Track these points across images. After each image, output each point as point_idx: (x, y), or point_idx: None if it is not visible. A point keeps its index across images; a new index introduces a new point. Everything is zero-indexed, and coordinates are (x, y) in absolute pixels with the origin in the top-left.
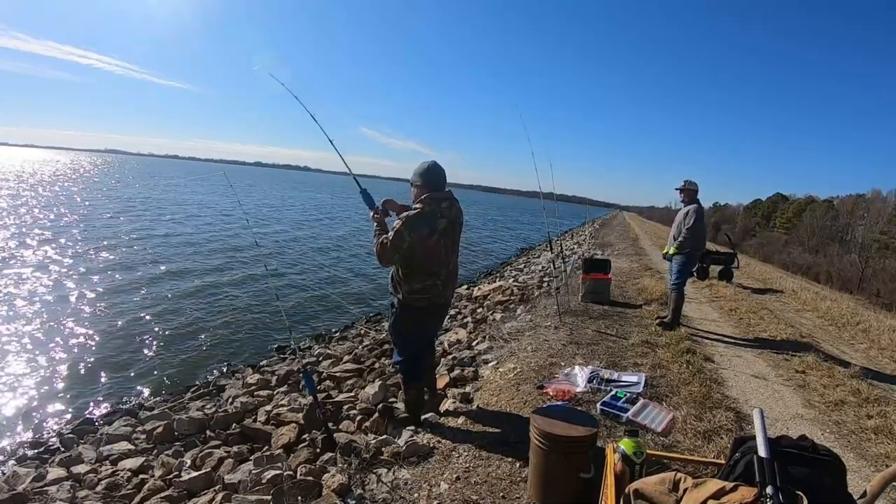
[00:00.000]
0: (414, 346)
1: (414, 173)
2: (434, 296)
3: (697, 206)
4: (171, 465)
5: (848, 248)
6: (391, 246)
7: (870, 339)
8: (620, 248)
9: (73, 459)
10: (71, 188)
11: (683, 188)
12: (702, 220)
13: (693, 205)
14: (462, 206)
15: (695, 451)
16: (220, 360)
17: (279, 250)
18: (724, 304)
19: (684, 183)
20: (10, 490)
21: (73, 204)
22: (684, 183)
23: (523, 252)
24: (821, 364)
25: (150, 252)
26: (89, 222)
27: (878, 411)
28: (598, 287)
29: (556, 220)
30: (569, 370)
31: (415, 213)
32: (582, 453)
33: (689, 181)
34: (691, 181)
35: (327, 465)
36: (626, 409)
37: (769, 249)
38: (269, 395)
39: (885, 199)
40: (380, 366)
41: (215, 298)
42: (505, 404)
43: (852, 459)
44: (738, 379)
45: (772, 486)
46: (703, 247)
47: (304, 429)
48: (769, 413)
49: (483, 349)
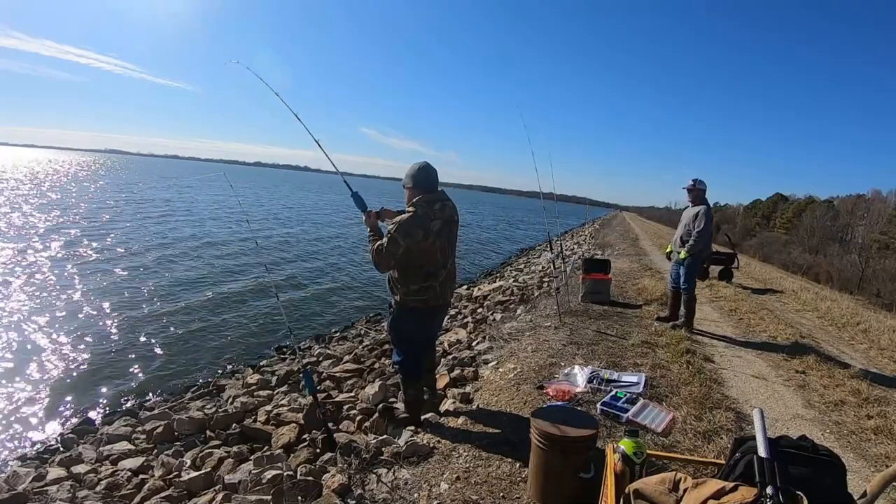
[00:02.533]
0: (413, 346)
1: (406, 175)
2: (432, 297)
3: (707, 209)
4: (171, 465)
5: (848, 248)
6: (386, 252)
7: (870, 339)
8: (620, 248)
9: (73, 459)
10: (70, 188)
11: (692, 188)
12: (711, 223)
13: (702, 206)
14: (461, 207)
15: (695, 451)
16: (220, 360)
17: (279, 250)
18: (725, 304)
19: (693, 182)
20: (11, 490)
21: (73, 204)
22: (693, 182)
23: (523, 252)
24: (821, 364)
25: (150, 252)
26: (89, 222)
27: (878, 411)
28: (598, 287)
29: (556, 219)
30: (569, 370)
31: (407, 217)
32: (582, 453)
33: (697, 181)
34: (700, 181)
35: (327, 465)
36: (626, 409)
37: (769, 249)
38: (269, 395)
39: (885, 199)
40: (380, 366)
41: (215, 298)
42: (505, 404)
43: (852, 459)
44: (738, 379)
45: (772, 486)
46: (710, 248)
47: (304, 429)
48: (769, 413)
49: (483, 349)
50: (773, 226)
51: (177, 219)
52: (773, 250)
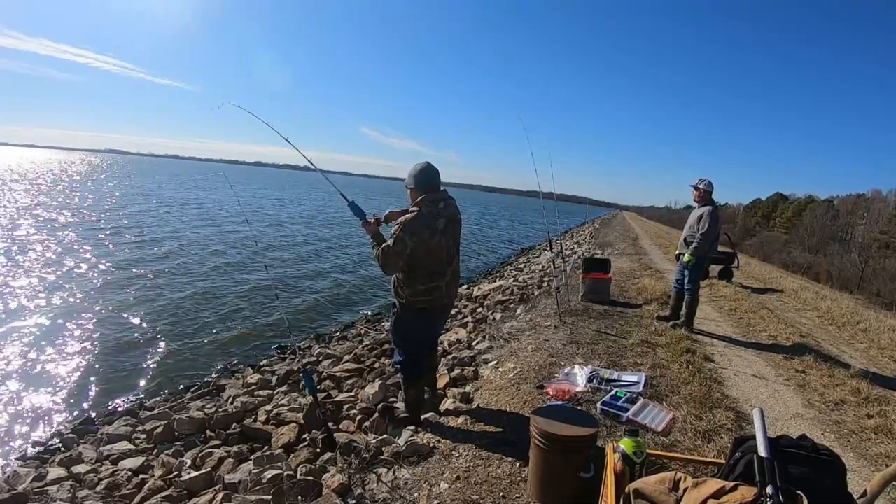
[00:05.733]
0: (415, 347)
1: (408, 175)
2: (438, 297)
3: (712, 210)
4: (171, 465)
5: (848, 247)
6: (393, 253)
7: (870, 338)
8: (620, 247)
9: (73, 459)
10: (69, 188)
11: (698, 188)
12: (716, 225)
13: (707, 207)
14: (462, 206)
15: (695, 451)
16: (220, 360)
17: (279, 250)
18: (725, 303)
19: (699, 182)
20: (11, 490)
21: (73, 204)
22: (699, 182)
23: (523, 252)
24: (821, 364)
25: (150, 251)
26: (89, 222)
27: (878, 411)
28: (598, 287)
29: (557, 219)
30: (569, 370)
31: (413, 216)
32: (582, 453)
33: (704, 181)
34: (707, 181)
35: (327, 464)
36: (626, 408)
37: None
38: (269, 394)
39: (885, 199)
40: (380, 365)
41: (215, 298)
42: (505, 404)
43: (852, 459)
44: (738, 378)
45: (772, 485)
46: (715, 249)
47: (304, 429)
48: (769, 413)
49: (483, 349)
50: (773, 225)
51: (176, 218)
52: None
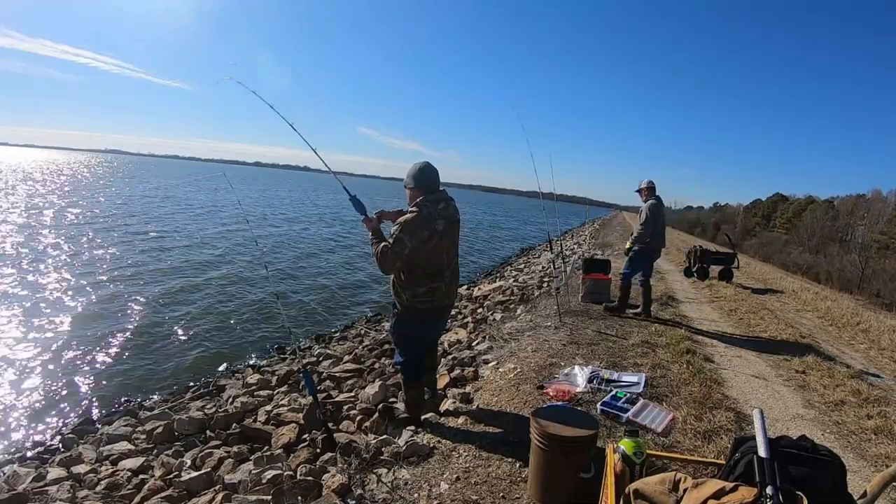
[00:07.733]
0: (415, 347)
1: (407, 175)
2: (437, 298)
3: (651, 204)
4: (171, 465)
5: (848, 248)
6: (392, 253)
7: (870, 339)
8: (620, 248)
9: (73, 459)
10: (68, 187)
11: (641, 188)
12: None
13: (650, 201)
14: (461, 206)
15: (695, 451)
16: (220, 360)
17: (279, 250)
18: (724, 304)
19: (641, 183)
20: (11, 490)
21: (73, 204)
22: (641, 183)
23: (523, 252)
24: (821, 364)
25: (150, 252)
26: (89, 222)
27: (878, 411)
28: (598, 287)
29: (556, 219)
30: (569, 370)
31: (412, 216)
32: (582, 453)
33: (644, 181)
34: (648, 181)
35: (327, 465)
36: (626, 409)
37: (769, 249)
38: (269, 395)
39: (885, 199)
40: (380, 366)
41: (215, 298)
42: (505, 404)
43: (852, 459)
44: (738, 379)
45: (772, 486)
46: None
47: (304, 429)
48: (769, 413)
49: (483, 349)
50: (773, 226)
51: (176, 218)
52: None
